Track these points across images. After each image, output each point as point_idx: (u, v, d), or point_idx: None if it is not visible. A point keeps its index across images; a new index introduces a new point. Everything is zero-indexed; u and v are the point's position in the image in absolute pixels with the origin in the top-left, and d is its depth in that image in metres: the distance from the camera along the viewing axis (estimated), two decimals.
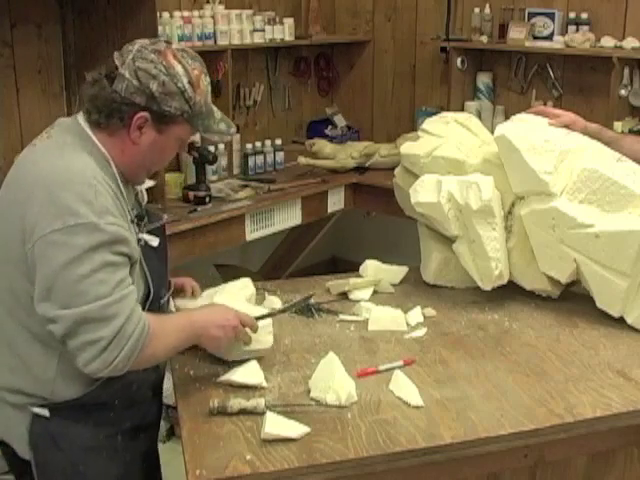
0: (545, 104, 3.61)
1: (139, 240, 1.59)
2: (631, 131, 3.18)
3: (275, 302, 2.08)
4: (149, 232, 1.66)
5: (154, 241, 1.63)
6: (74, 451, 1.58)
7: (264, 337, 1.76)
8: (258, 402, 1.56)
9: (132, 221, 1.59)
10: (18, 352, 1.54)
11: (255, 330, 1.70)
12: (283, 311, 1.92)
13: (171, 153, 1.64)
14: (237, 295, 1.90)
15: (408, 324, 1.99)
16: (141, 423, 1.71)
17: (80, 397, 1.55)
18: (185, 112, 1.54)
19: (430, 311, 2.06)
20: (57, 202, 1.41)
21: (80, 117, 1.57)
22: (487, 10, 3.77)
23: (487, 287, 2.09)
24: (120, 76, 1.50)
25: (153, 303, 1.64)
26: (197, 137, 3.46)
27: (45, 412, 1.55)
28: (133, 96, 1.49)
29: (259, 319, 1.75)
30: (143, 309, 1.54)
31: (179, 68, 1.52)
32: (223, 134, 1.65)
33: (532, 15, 3.61)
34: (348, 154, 3.70)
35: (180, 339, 1.58)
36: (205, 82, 1.58)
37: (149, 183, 1.86)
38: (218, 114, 1.64)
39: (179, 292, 1.90)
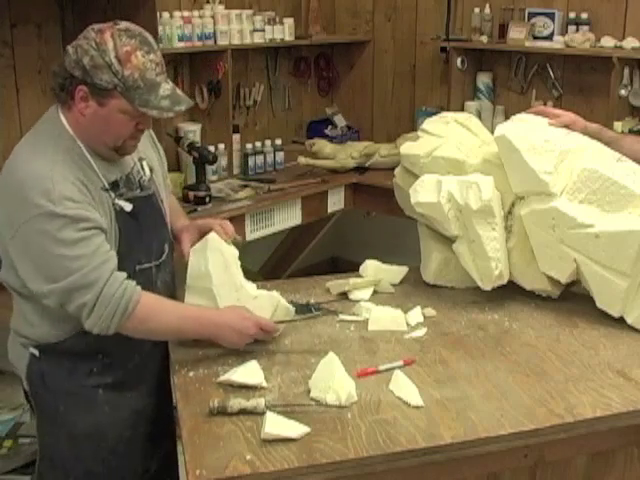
0: (545, 104, 3.61)
1: (114, 205, 1.73)
2: (631, 131, 3.18)
3: None
4: (131, 200, 1.77)
5: (127, 207, 1.75)
6: (57, 392, 1.80)
7: None
8: (258, 402, 1.56)
9: (104, 188, 1.72)
10: (18, 303, 1.81)
11: (275, 334, 1.83)
12: (305, 317, 1.98)
13: (121, 126, 1.69)
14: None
15: (408, 324, 1.99)
16: (125, 380, 1.85)
17: (61, 342, 1.76)
18: (117, 85, 1.63)
19: (430, 311, 2.06)
20: (23, 199, 1.61)
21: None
22: (487, 10, 3.77)
23: (487, 287, 2.09)
24: (67, 53, 1.66)
25: (126, 266, 1.73)
26: (197, 137, 3.48)
27: (36, 352, 1.79)
28: (73, 70, 1.64)
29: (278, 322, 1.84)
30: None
31: (110, 44, 1.62)
32: (162, 110, 1.68)
33: (532, 15, 3.62)
34: (348, 154, 3.70)
35: (186, 326, 1.74)
36: (140, 58, 1.63)
37: None
38: (165, 91, 1.68)
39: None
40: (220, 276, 1.85)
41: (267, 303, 1.85)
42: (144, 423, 1.91)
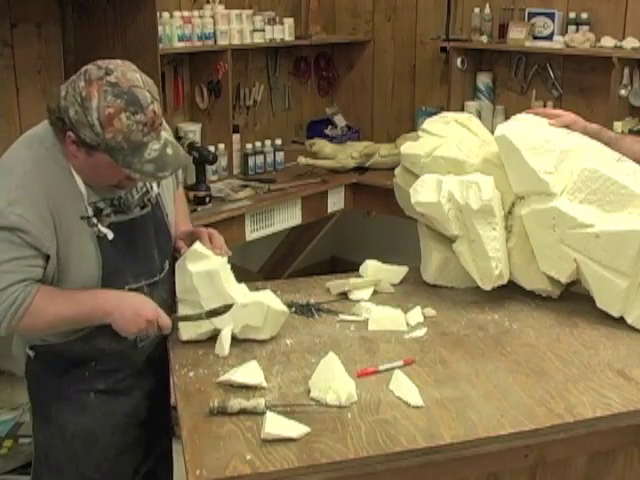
0: (545, 104, 3.62)
1: (96, 232, 1.69)
2: (631, 131, 3.18)
3: None
4: (119, 224, 1.74)
5: (109, 234, 1.72)
6: (50, 393, 1.83)
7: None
8: (258, 402, 1.56)
9: (84, 217, 1.68)
10: None
11: (166, 332, 1.78)
12: (208, 315, 1.82)
13: (112, 173, 1.64)
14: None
15: (408, 324, 1.99)
16: (117, 387, 1.85)
17: (52, 345, 1.77)
18: (100, 144, 1.57)
19: (430, 311, 2.06)
20: None
21: None
22: (487, 10, 3.77)
23: (487, 287, 2.09)
24: (60, 92, 1.59)
25: (114, 288, 1.73)
26: (197, 137, 3.48)
27: (32, 353, 1.83)
28: (63, 115, 1.58)
29: (182, 319, 1.81)
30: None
31: (94, 102, 1.54)
32: (146, 175, 1.62)
33: (532, 15, 3.61)
34: (348, 154, 3.70)
35: (79, 312, 1.67)
36: (125, 121, 1.54)
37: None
38: (152, 153, 1.60)
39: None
40: (206, 289, 1.83)
41: (257, 312, 1.84)
42: (137, 427, 1.90)
